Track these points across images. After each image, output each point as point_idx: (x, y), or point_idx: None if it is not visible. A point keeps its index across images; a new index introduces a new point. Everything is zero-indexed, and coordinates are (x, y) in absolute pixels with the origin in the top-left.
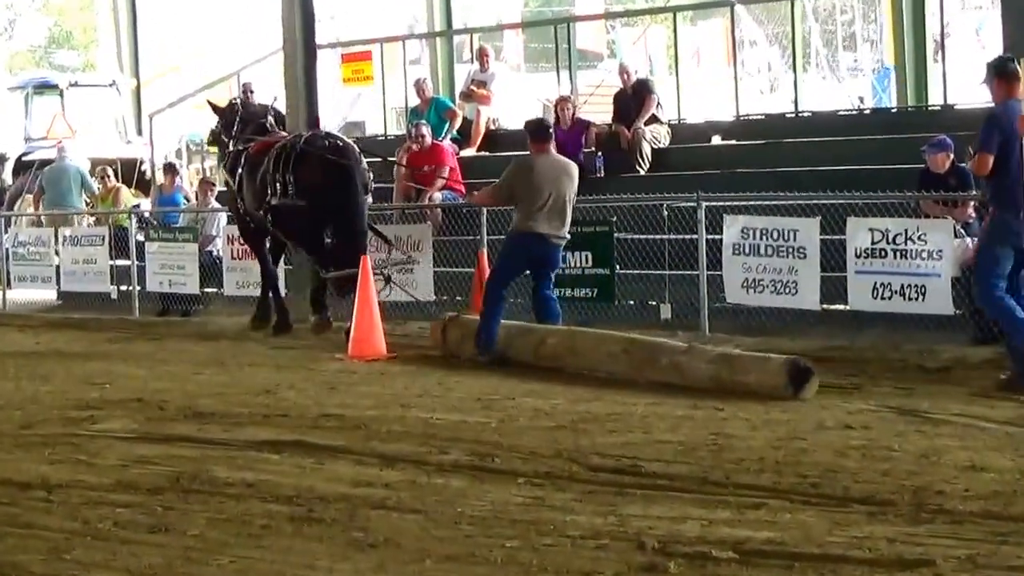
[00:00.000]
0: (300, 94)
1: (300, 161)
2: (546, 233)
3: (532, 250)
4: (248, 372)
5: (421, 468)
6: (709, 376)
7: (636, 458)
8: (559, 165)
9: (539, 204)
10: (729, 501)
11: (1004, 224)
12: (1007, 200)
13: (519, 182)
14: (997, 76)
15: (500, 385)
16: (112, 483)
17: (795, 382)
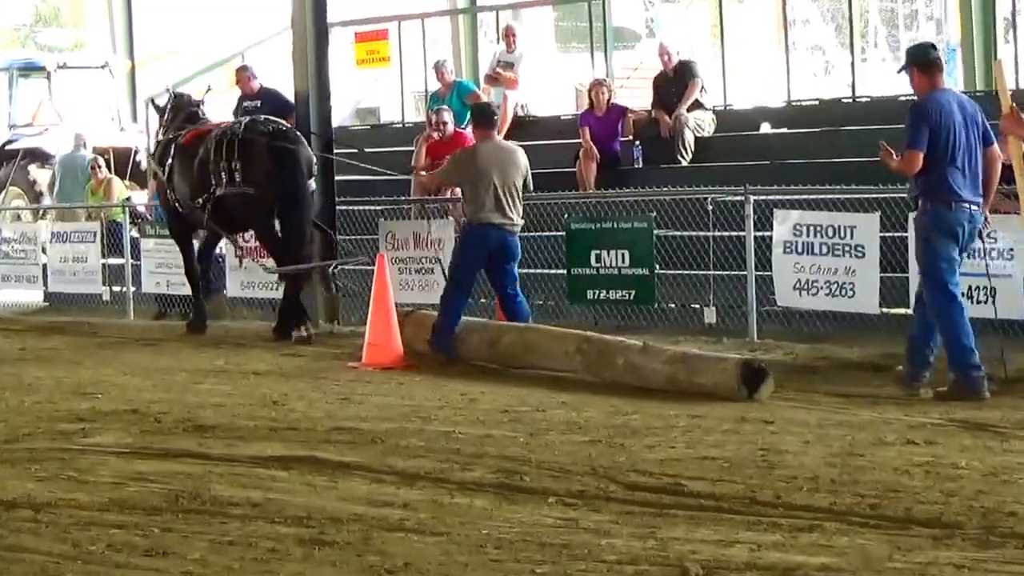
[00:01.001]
0: (310, 78)
1: (246, 147)
2: (498, 222)
3: (488, 241)
4: (253, 381)
5: (442, 486)
6: (665, 377)
7: (678, 476)
8: (504, 151)
9: (485, 191)
10: (780, 523)
11: (940, 218)
12: (940, 193)
13: (463, 170)
14: (917, 66)
15: (528, 396)
16: (105, 502)
17: (748, 384)
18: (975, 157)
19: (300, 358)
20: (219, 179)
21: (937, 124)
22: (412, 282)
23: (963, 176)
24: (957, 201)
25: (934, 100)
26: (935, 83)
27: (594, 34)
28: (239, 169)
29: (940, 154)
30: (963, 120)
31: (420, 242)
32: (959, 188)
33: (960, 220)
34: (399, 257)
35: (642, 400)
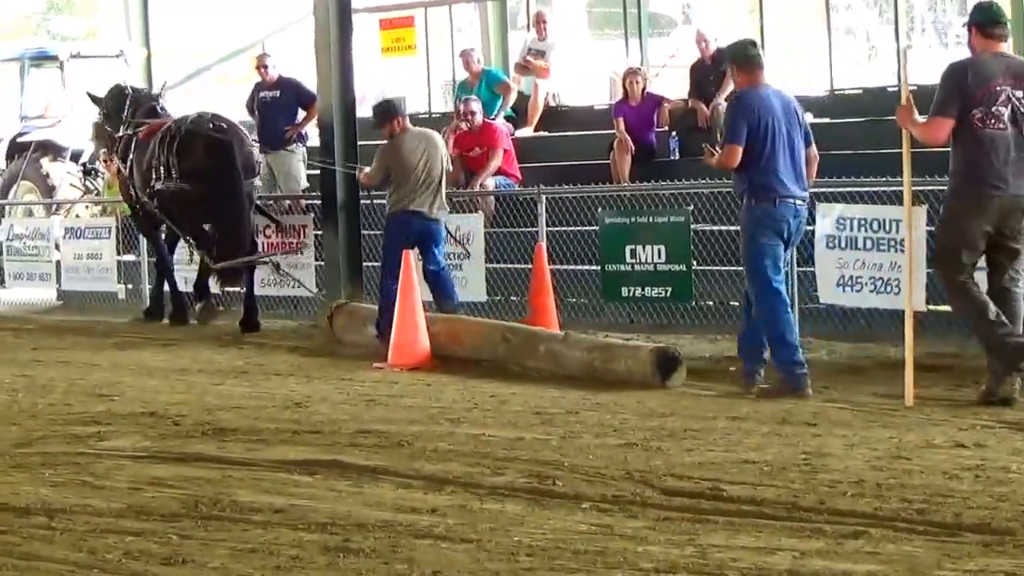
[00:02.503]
0: (333, 67)
1: (183, 143)
2: (422, 210)
3: (412, 227)
4: (275, 382)
5: (472, 491)
6: (583, 364)
7: (717, 480)
8: (424, 137)
9: (413, 182)
10: (824, 530)
11: (763, 214)
12: (763, 190)
13: (391, 163)
14: (735, 63)
15: (561, 397)
16: (122, 508)
17: (662, 370)
18: (798, 153)
19: (323, 359)
20: (159, 173)
21: (756, 119)
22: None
23: (786, 171)
24: (781, 197)
25: (752, 95)
26: (753, 80)
27: (628, 20)
28: (175, 165)
29: (760, 149)
30: (785, 116)
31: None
32: (782, 184)
33: (784, 216)
34: None
35: (679, 403)
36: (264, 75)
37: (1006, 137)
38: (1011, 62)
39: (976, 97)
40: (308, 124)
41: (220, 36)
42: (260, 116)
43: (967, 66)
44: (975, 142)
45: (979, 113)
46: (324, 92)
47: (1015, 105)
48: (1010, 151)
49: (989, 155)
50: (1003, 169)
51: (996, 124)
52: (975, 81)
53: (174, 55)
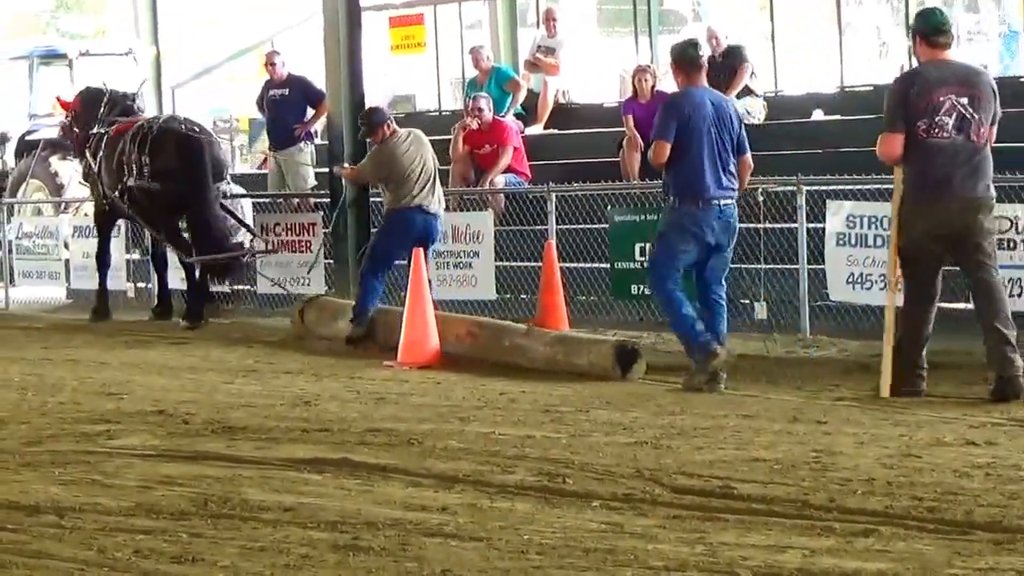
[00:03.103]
0: (342, 65)
1: (156, 142)
2: (424, 205)
3: (415, 224)
4: (284, 381)
5: (482, 490)
6: (546, 358)
7: (727, 478)
8: (414, 136)
9: (413, 180)
10: (834, 528)
11: (686, 216)
12: (688, 191)
13: (387, 169)
14: (675, 64)
15: (571, 395)
16: (131, 507)
17: (622, 364)
18: (729, 157)
19: (332, 357)
20: (130, 171)
21: (686, 120)
22: (449, 277)
23: (712, 174)
24: (705, 201)
25: (686, 95)
26: (692, 81)
27: (638, 18)
28: (147, 164)
29: (687, 150)
30: (716, 120)
31: (458, 235)
32: (708, 186)
33: (707, 219)
34: (435, 251)
35: (689, 401)
36: (273, 73)
37: (952, 145)
38: (956, 70)
39: (920, 109)
40: (317, 122)
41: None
42: (269, 114)
43: (911, 78)
44: (921, 152)
45: (923, 124)
46: (333, 90)
47: (960, 113)
48: (957, 157)
49: (934, 164)
50: (950, 173)
51: (940, 134)
52: (919, 93)
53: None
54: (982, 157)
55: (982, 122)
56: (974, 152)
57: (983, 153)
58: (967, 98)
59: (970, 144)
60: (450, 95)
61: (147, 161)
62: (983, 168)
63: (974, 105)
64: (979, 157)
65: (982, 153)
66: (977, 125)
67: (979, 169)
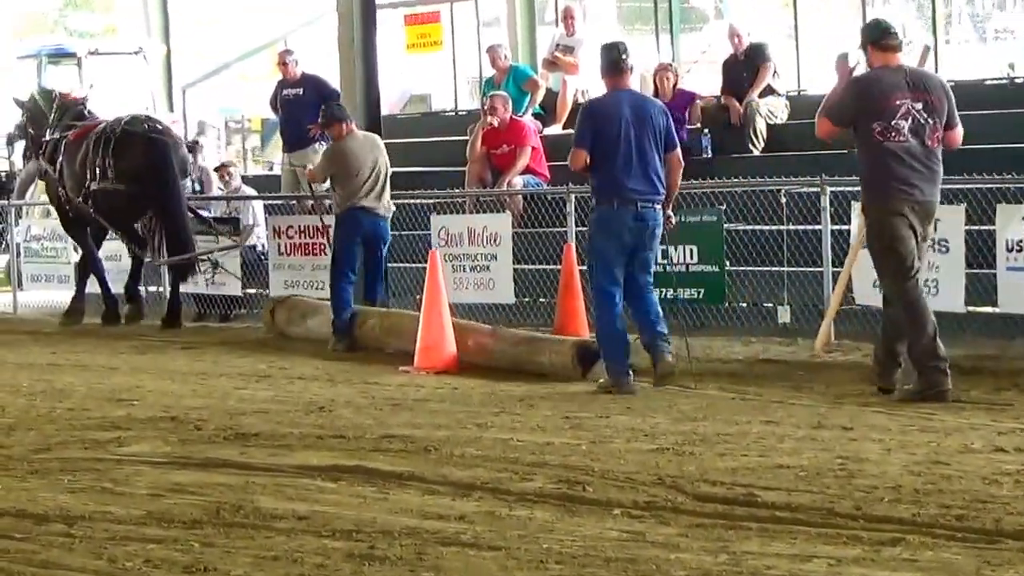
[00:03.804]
0: (356, 64)
1: (120, 144)
2: (371, 207)
3: (362, 224)
4: (298, 387)
5: (500, 498)
6: (511, 358)
7: (751, 486)
8: (369, 140)
9: (359, 181)
10: (861, 536)
11: (604, 217)
12: (605, 193)
13: (335, 167)
14: (602, 68)
15: (591, 402)
16: (142, 515)
17: (583, 363)
18: (650, 158)
19: (347, 362)
20: (94, 174)
21: (602, 124)
22: (466, 280)
23: (628, 175)
24: (622, 202)
25: (601, 101)
26: (616, 84)
27: (659, 15)
28: (112, 166)
29: (601, 154)
30: (636, 121)
31: (475, 238)
32: (623, 187)
33: (624, 221)
34: (452, 254)
35: (712, 407)
36: (286, 72)
37: (907, 149)
38: (910, 75)
39: (875, 111)
40: None
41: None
42: (283, 114)
43: (868, 81)
44: (877, 154)
45: (878, 127)
46: (348, 89)
47: (915, 117)
48: (913, 160)
49: (891, 166)
50: (908, 174)
51: (896, 137)
52: (874, 95)
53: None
54: (937, 162)
55: (936, 127)
56: (929, 157)
57: (937, 158)
58: (921, 103)
59: (925, 148)
60: (467, 95)
61: (111, 163)
62: (939, 173)
63: (928, 110)
64: (934, 162)
65: (936, 158)
66: (931, 130)
67: (936, 174)
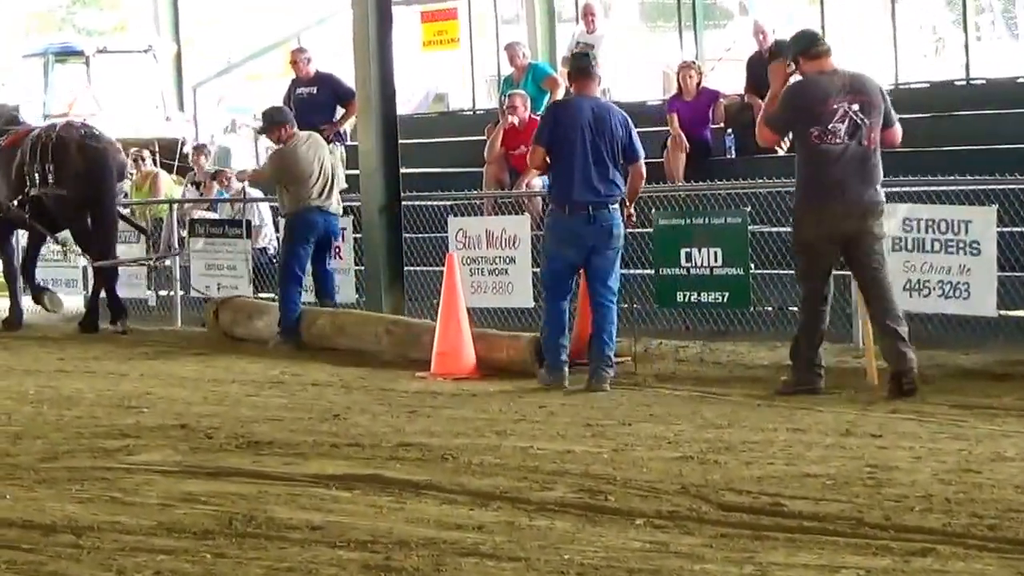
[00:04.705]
0: (371, 62)
1: (59, 149)
2: (324, 206)
3: (317, 224)
4: (312, 393)
5: (520, 507)
6: None
7: (778, 495)
8: (314, 140)
9: (312, 182)
10: (890, 546)
11: (556, 221)
12: (557, 197)
13: (286, 172)
14: (569, 73)
15: (613, 408)
16: (152, 525)
17: (541, 358)
18: (608, 165)
19: (363, 368)
20: (33, 180)
21: (561, 128)
22: (485, 284)
23: (585, 181)
24: (572, 206)
25: (563, 106)
26: (582, 89)
27: (683, 12)
28: (52, 171)
29: (557, 157)
30: (595, 128)
31: (493, 240)
32: (575, 192)
33: (574, 225)
34: (470, 257)
35: (737, 414)
36: (300, 71)
37: (845, 151)
38: (845, 77)
39: (812, 116)
40: (347, 122)
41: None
42: (296, 113)
43: (805, 87)
44: (814, 156)
45: (816, 131)
46: (363, 88)
47: (853, 119)
48: (850, 163)
49: (827, 168)
50: (842, 179)
51: (832, 139)
52: (810, 102)
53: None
54: (874, 163)
55: (873, 127)
56: (866, 157)
57: (875, 158)
58: (858, 104)
59: (862, 149)
60: (485, 93)
61: (51, 168)
62: (875, 173)
63: (865, 111)
64: (871, 162)
65: (874, 158)
66: (868, 131)
67: (872, 174)
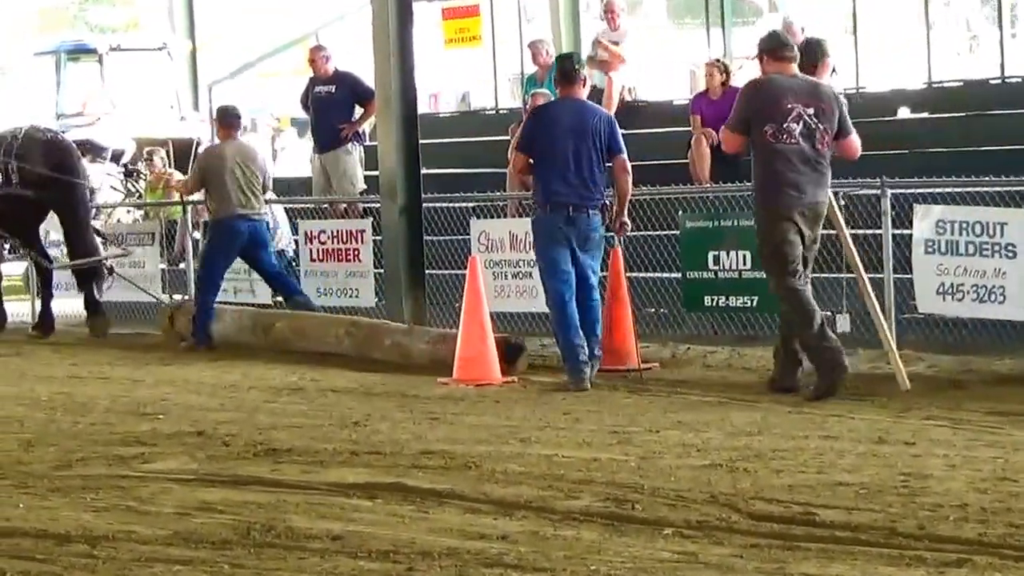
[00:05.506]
0: (392, 60)
1: (25, 151)
2: (246, 212)
3: (240, 231)
4: (332, 400)
5: (545, 517)
6: (429, 355)
7: (809, 504)
8: (241, 147)
9: (231, 186)
10: (924, 557)
11: (539, 222)
12: (541, 198)
13: (204, 178)
14: (558, 75)
15: (639, 415)
16: (168, 535)
17: (507, 358)
18: (592, 167)
19: (383, 374)
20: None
21: (544, 131)
22: (508, 288)
23: (566, 183)
24: (554, 206)
25: (547, 108)
26: (566, 93)
27: (710, 8)
28: (16, 172)
29: (540, 159)
30: (577, 129)
31: (516, 243)
32: (555, 193)
33: (556, 224)
34: (493, 260)
35: (767, 420)
36: (318, 69)
37: (798, 151)
38: (802, 83)
39: (767, 114)
40: (366, 122)
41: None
42: (314, 112)
43: (760, 84)
44: (769, 154)
45: (771, 129)
46: (383, 87)
47: (806, 121)
48: (804, 163)
49: (783, 166)
50: (797, 179)
51: (787, 139)
52: (766, 99)
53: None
54: (826, 167)
55: (826, 132)
56: (818, 159)
57: (826, 161)
58: (812, 109)
59: (815, 151)
60: (507, 92)
61: (14, 169)
62: (826, 177)
63: (819, 116)
64: (824, 166)
65: (826, 162)
66: (822, 135)
67: (824, 178)
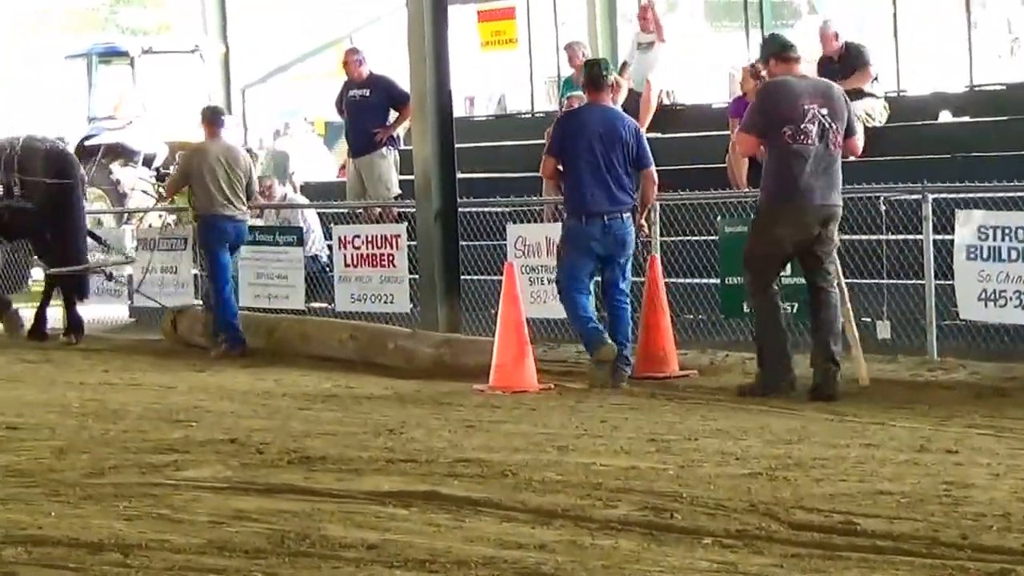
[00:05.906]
0: (428, 63)
1: (25, 161)
2: (231, 213)
3: (226, 229)
4: (366, 407)
5: (583, 525)
6: (433, 360)
7: (850, 513)
8: (226, 148)
9: (214, 186)
10: (967, 567)
11: (572, 230)
12: (571, 205)
13: (193, 167)
14: (584, 82)
15: (678, 423)
16: (202, 544)
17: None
18: (617, 173)
19: (418, 381)
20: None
21: (570, 138)
22: (544, 293)
23: (598, 190)
24: (588, 215)
25: (576, 114)
26: (595, 98)
27: (749, 11)
28: (17, 183)
29: (569, 166)
30: (606, 137)
31: (554, 248)
32: (590, 202)
33: (592, 234)
34: (529, 265)
35: (807, 428)
36: (353, 72)
37: (815, 152)
38: (815, 83)
39: (786, 115)
40: (401, 126)
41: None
42: (348, 116)
43: (776, 86)
44: (786, 156)
45: (789, 130)
46: (418, 90)
47: (821, 122)
48: (819, 164)
49: (798, 168)
50: (811, 181)
51: (805, 140)
52: (784, 100)
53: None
54: (837, 167)
55: (838, 132)
56: (832, 161)
57: (838, 163)
58: (826, 110)
59: (828, 152)
60: (544, 95)
61: (16, 180)
62: (839, 178)
63: (831, 116)
64: (835, 167)
65: (838, 163)
66: (835, 135)
67: (836, 178)
